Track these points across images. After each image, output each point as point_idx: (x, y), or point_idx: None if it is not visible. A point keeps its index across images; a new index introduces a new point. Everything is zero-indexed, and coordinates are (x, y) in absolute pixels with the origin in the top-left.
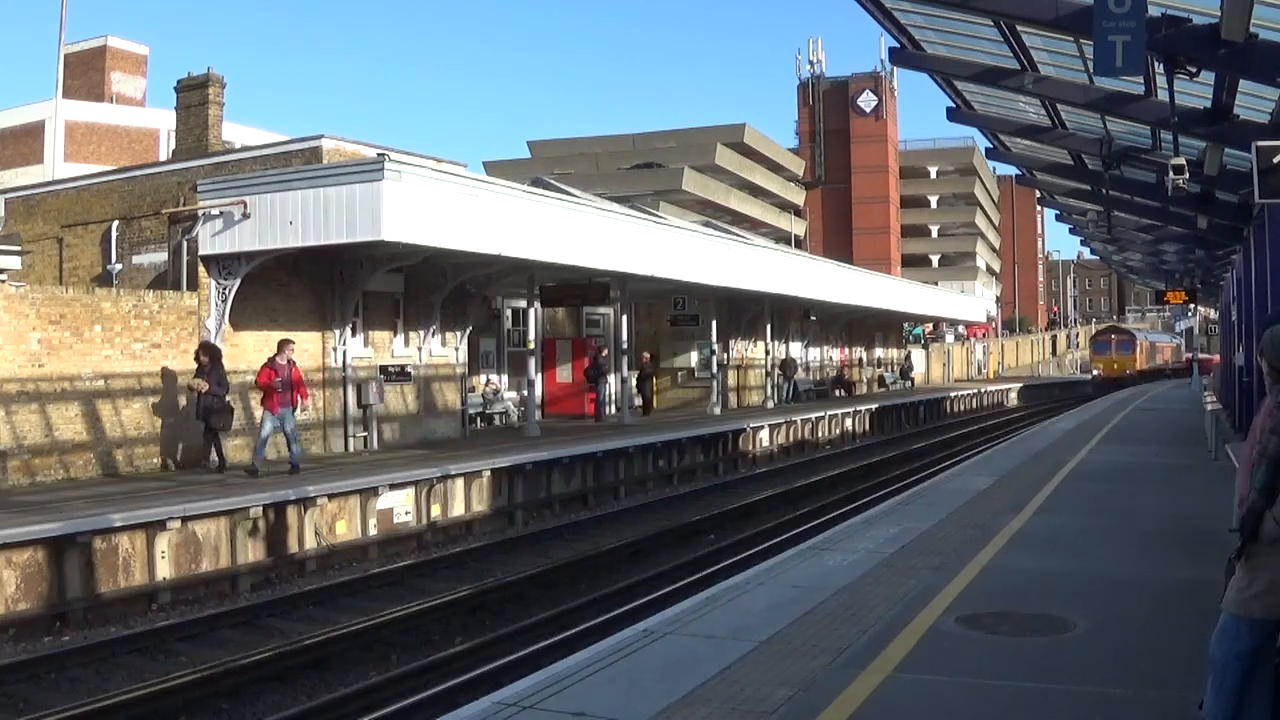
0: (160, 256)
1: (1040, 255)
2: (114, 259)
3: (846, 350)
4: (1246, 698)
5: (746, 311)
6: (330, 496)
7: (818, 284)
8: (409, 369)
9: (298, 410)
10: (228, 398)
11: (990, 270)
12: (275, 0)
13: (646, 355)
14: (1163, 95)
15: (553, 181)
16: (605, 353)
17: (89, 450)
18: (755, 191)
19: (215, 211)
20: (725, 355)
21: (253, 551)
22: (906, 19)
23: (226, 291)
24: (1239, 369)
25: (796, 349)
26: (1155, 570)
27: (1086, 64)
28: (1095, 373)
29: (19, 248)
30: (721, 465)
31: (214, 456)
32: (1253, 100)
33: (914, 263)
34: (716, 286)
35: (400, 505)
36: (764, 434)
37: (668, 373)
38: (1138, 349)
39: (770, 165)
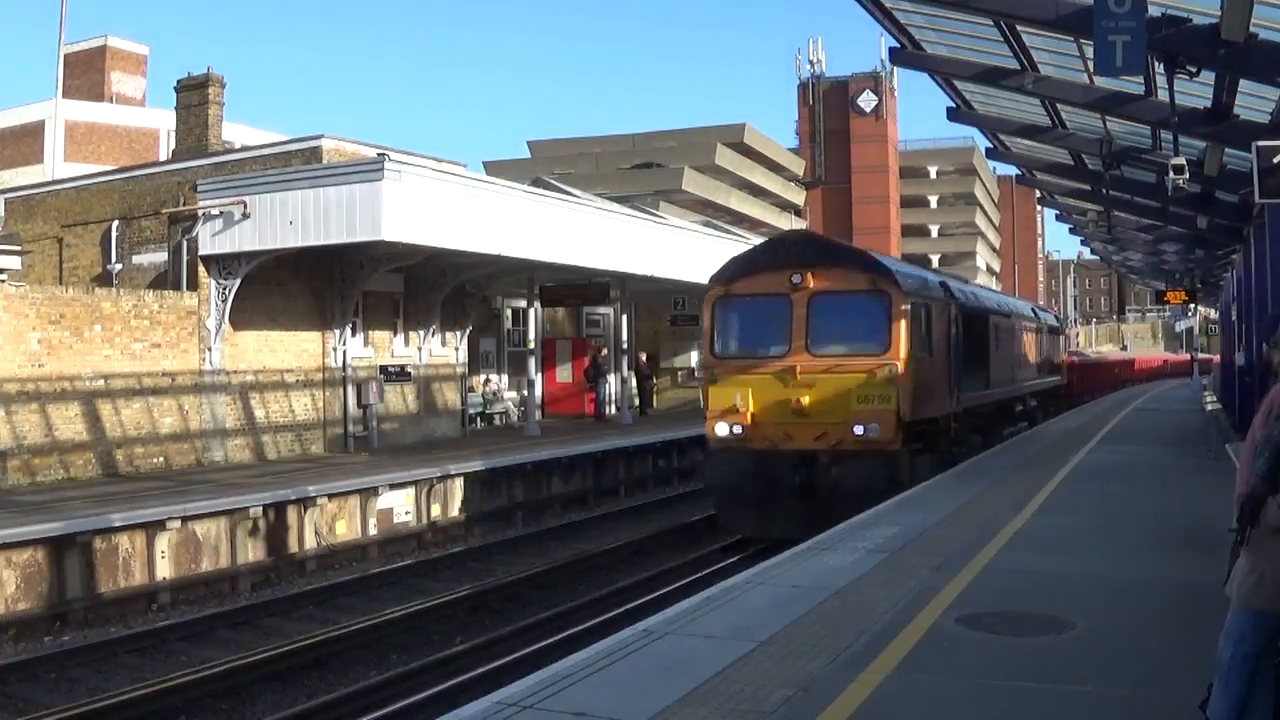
0: (160, 256)
1: (1040, 255)
2: (114, 259)
3: None
4: (1250, 697)
5: None
6: (330, 496)
7: None
8: (409, 369)
9: None
10: None
11: (990, 270)
12: (275, 0)
13: (644, 356)
14: (1163, 95)
15: (553, 181)
16: (605, 353)
17: (89, 450)
18: (755, 191)
19: (215, 211)
20: None
21: (253, 551)
22: (906, 19)
23: (226, 291)
24: (1239, 369)
25: None
26: (1155, 570)
27: (1086, 64)
28: (718, 431)
29: (19, 248)
30: None
31: None
32: (1253, 100)
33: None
34: None
35: (400, 505)
36: None
37: (668, 373)
38: (898, 334)
39: (770, 165)
